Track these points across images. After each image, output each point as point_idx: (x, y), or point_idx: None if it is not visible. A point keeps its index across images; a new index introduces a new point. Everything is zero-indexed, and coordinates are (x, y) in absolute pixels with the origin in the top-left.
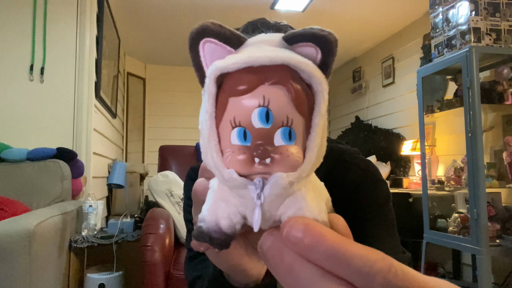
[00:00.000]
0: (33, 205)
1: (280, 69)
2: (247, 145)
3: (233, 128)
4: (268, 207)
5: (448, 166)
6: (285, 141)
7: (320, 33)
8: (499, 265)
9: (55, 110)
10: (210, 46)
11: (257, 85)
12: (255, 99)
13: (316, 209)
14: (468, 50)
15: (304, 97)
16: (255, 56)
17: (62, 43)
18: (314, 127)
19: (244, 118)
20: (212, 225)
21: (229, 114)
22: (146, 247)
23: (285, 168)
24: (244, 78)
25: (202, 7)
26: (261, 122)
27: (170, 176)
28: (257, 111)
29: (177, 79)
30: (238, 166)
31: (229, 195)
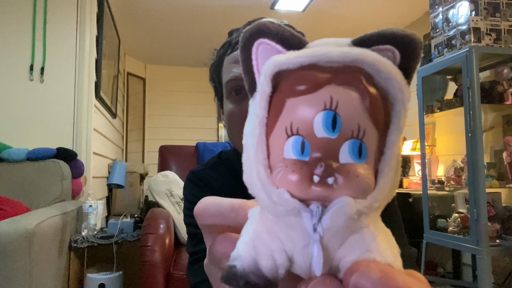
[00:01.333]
0: (33, 205)
1: (352, 69)
2: (304, 160)
3: (288, 137)
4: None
5: (448, 166)
6: (354, 158)
7: (402, 33)
8: (499, 265)
9: (55, 110)
10: (265, 48)
11: (323, 84)
12: (320, 100)
13: (390, 254)
14: (468, 50)
15: (381, 105)
16: (323, 51)
17: (62, 43)
18: (390, 146)
19: (304, 124)
20: (249, 266)
21: (285, 119)
22: (146, 247)
23: (352, 192)
24: (307, 75)
25: (202, 7)
26: (325, 130)
27: (170, 176)
28: (322, 115)
29: (177, 79)
30: (291, 185)
31: (274, 226)
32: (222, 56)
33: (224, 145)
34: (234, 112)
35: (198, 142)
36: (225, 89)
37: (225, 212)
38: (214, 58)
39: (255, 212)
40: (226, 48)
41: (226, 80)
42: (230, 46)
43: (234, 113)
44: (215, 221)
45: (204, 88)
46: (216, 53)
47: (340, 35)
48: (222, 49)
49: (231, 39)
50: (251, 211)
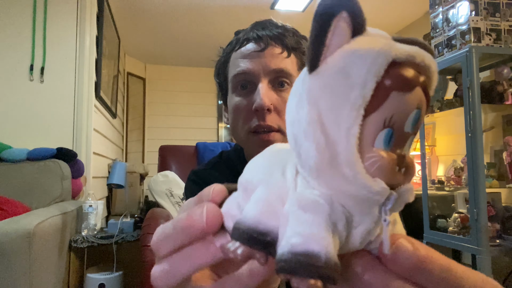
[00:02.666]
0: (33, 205)
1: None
2: (388, 150)
3: (384, 128)
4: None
5: (448, 166)
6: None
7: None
8: (499, 265)
9: (55, 110)
10: (341, 27)
11: (416, 84)
12: (417, 99)
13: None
14: (468, 50)
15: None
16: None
17: (62, 43)
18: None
19: (401, 120)
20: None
21: (386, 110)
22: (146, 247)
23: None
24: (413, 73)
25: (202, 7)
26: (411, 127)
27: (170, 176)
28: (414, 114)
29: (177, 79)
30: (383, 174)
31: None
32: (229, 52)
33: (224, 145)
34: (239, 105)
35: (198, 142)
36: (231, 83)
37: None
38: (220, 55)
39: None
40: (234, 45)
41: (233, 74)
42: (238, 43)
43: (240, 106)
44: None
45: (204, 88)
46: (223, 50)
47: None
48: (229, 46)
49: (238, 37)
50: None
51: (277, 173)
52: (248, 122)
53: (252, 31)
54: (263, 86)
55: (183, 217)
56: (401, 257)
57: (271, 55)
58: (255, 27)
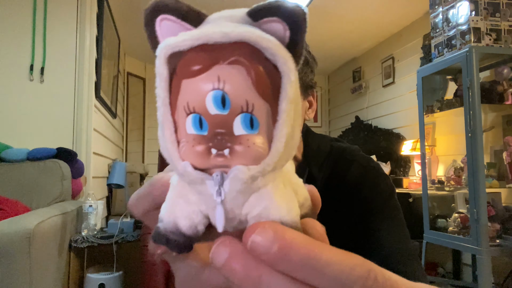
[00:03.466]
0: (33, 205)
1: (240, 47)
2: (204, 134)
3: (188, 115)
4: (230, 205)
5: (448, 166)
6: (247, 129)
7: (285, 6)
8: (499, 265)
9: (55, 110)
10: (167, 24)
11: (212, 64)
12: (209, 80)
13: (285, 208)
14: (468, 50)
15: (267, 80)
16: (208, 32)
17: (62, 43)
18: (281, 114)
19: (198, 103)
20: (169, 226)
21: (182, 99)
22: (146, 247)
23: (246, 161)
24: (197, 56)
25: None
26: (216, 108)
27: None
28: (211, 95)
29: None
30: (194, 158)
31: (189, 192)
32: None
33: None
34: None
35: None
36: None
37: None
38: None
39: (174, 180)
40: None
41: None
42: None
43: None
44: (145, 205)
45: None
46: None
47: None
48: None
49: None
50: (172, 179)
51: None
52: None
53: None
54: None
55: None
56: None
57: None
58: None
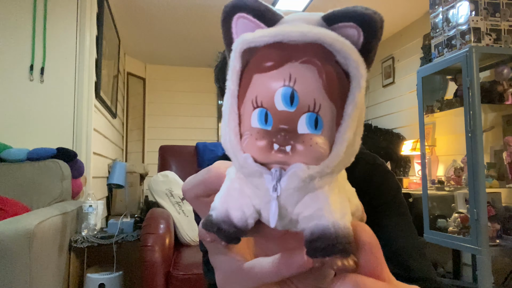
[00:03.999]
0: (33, 205)
1: (313, 47)
2: (268, 129)
3: (254, 108)
4: (285, 202)
5: (448, 166)
6: (310, 129)
7: (363, 12)
8: (499, 265)
9: (55, 110)
10: (244, 22)
11: (284, 62)
12: (280, 77)
13: (339, 212)
14: (468, 50)
15: (337, 82)
16: (286, 30)
17: (62, 43)
18: (345, 118)
19: (267, 98)
20: (222, 215)
21: (251, 92)
22: (146, 247)
23: (307, 159)
24: (271, 53)
25: (202, 7)
26: (284, 104)
27: (170, 176)
28: (281, 91)
29: (177, 79)
30: (255, 151)
31: (244, 185)
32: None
33: None
34: None
35: (198, 142)
36: None
37: (201, 177)
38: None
39: (231, 172)
40: None
41: None
42: None
43: None
44: (198, 190)
45: (204, 88)
46: (221, 55)
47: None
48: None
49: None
50: (229, 170)
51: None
52: None
53: None
54: None
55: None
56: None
57: None
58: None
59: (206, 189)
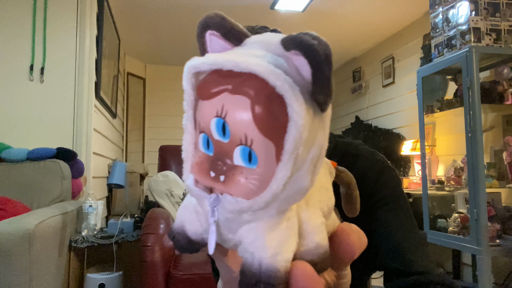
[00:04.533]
0: (33, 205)
1: (251, 78)
2: (210, 155)
3: (200, 133)
4: (223, 228)
5: (448, 166)
6: (244, 162)
7: (308, 42)
8: (499, 265)
9: (55, 110)
10: (214, 39)
11: (221, 91)
12: (215, 107)
13: (272, 250)
14: (468, 50)
15: (272, 116)
16: (223, 58)
17: (62, 43)
18: (284, 155)
19: (206, 126)
20: (177, 226)
21: (198, 116)
22: (146, 247)
23: (237, 192)
24: (212, 80)
25: (202, 7)
26: (218, 134)
27: (170, 176)
28: (214, 121)
29: (177, 79)
30: (198, 174)
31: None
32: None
33: None
34: None
35: None
36: None
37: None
38: None
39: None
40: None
41: None
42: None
43: None
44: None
45: None
46: None
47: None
48: None
49: None
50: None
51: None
52: None
53: None
54: None
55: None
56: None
57: None
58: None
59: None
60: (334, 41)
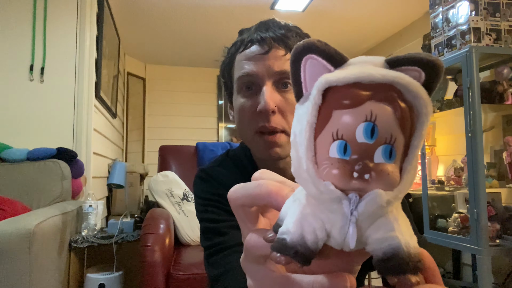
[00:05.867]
0: (33, 205)
1: (387, 88)
2: (346, 159)
3: (334, 140)
4: (359, 226)
5: (448, 166)
6: (385, 159)
7: (428, 59)
8: (499, 265)
9: (55, 110)
10: (312, 63)
11: (365, 100)
12: (362, 113)
13: (408, 233)
14: (468, 50)
15: (409, 117)
16: (367, 72)
17: (62, 43)
18: (413, 149)
19: (348, 132)
20: (297, 239)
21: (331, 126)
22: (146, 247)
23: (383, 186)
24: (352, 92)
25: (202, 7)
26: (365, 137)
27: (170, 176)
28: (363, 126)
29: (177, 79)
30: (335, 179)
31: (317, 210)
32: (234, 53)
33: (224, 145)
34: (245, 106)
35: (198, 142)
36: (236, 85)
37: (251, 191)
38: (225, 56)
39: (301, 197)
40: (238, 46)
41: (238, 76)
42: (242, 44)
43: (245, 107)
44: (246, 201)
45: (204, 88)
46: (228, 51)
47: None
48: (233, 47)
49: (242, 38)
50: (298, 196)
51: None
52: (253, 123)
53: (256, 33)
54: (267, 88)
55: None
56: None
57: (275, 57)
58: (258, 28)
59: (253, 202)
60: (334, 41)
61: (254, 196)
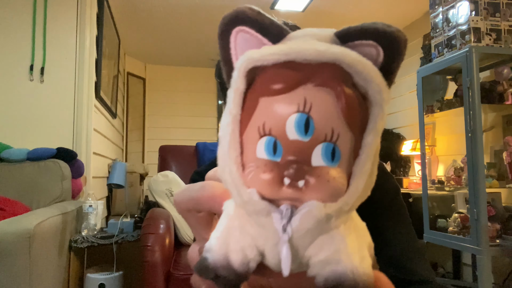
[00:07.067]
0: (33, 205)
1: (330, 68)
2: (276, 161)
3: (261, 137)
4: (296, 245)
5: (448, 166)
6: (326, 161)
7: (385, 29)
8: (499, 265)
9: (55, 110)
10: (244, 36)
11: (298, 84)
12: (294, 102)
13: (357, 255)
14: (468, 50)
15: (358, 108)
16: (299, 48)
17: (62, 43)
18: (365, 148)
19: (277, 126)
20: (220, 260)
21: (257, 118)
22: (146, 247)
23: (322, 196)
24: (282, 73)
25: (202, 7)
26: (298, 133)
27: (170, 176)
28: (294, 118)
29: (177, 79)
30: (261, 186)
31: (246, 223)
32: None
33: None
34: None
35: (198, 142)
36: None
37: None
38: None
39: (229, 206)
40: None
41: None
42: None
43: None
44: (189, 205)
45: (204, 88)
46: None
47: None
48: None
49: None
50: (226, 204)
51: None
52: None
53: None
54: None
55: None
56: None
57: None
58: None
59: (197, 206)
60: None
61: (197, 200)
